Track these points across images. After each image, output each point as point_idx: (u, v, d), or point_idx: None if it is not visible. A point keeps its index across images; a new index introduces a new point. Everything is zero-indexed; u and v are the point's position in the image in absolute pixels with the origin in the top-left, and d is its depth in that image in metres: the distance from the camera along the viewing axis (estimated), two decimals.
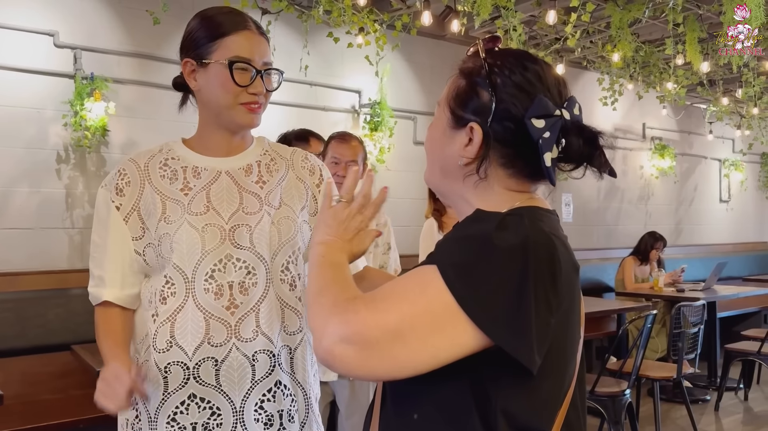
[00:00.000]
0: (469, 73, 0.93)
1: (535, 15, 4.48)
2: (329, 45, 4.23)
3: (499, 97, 0.89)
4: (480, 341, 0.79)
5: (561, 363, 0.87)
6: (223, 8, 1.37)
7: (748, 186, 8.24)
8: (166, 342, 1.25)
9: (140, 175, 1.33)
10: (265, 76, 1.31)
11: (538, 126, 0.87)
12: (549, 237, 0.83)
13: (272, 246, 1.31)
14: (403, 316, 0.79)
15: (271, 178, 1.37)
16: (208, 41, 1.29)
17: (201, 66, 1.29)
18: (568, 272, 0.85)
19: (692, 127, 7.47)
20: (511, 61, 0.92)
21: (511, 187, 0.93)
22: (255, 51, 1.29)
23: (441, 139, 0.96)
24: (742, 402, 4.93)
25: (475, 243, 0.81)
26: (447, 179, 0.97)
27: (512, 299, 0.78)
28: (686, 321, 4.07)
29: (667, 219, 7.26)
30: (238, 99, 1.29)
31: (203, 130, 1.37)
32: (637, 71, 5.48)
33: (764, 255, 8.03)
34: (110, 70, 3.76)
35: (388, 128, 4.75)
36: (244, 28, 1.30)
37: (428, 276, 0.81)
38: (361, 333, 0.79)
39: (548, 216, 0.92)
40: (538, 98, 0.88)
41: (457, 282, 0.79)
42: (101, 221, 1.33)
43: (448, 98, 0.95)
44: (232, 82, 1.27)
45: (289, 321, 1.32)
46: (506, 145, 0.90)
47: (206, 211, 1.29)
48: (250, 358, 1.25)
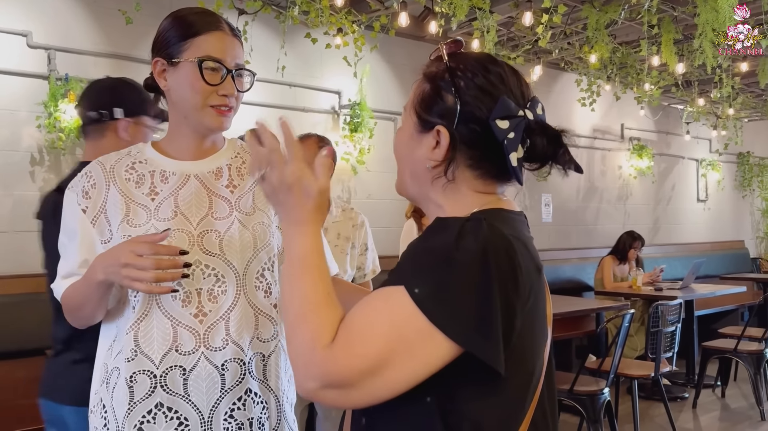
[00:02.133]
0: (432, 77, 0.95)
1: (512, 16, 4.51)
2: (308, 46, 4.22)
3: (463, 100, 0.91)
4: (453, 352, 0.81)
5: (526, 364, 0.88)
6: (196, 9, 1.35)
7: (725, 185, 8.35)
8: (130, 350, 1.22)
9: (105, 177, 1.30)
10: (236, 77, 1.28)
11: (502, 127, 0.88)
12: (508, 241, 0.84)
13: (246, 253, 1.28)
14: (379, 353, 0.80)
15: (242, 182, 1.35)
16: (179, 40, 1.27)
17: (171, 65, 1.27)
18: (529, 273, 0.86)
19: (670, 128, 7.55)
20: (473, 64, 0.93)
21: (478, 188, 0.94)
22: (227, 51, 1.27)
23: (409, 143, 0.97)
24: (720, 399, 4.99)
25: (438, 257, 0.82)
26: (416, 183, 0.98)
27: (479, 306, 0.79)
28: (664, 320, 4.11)
29: (645, 219, 7.33)
30: (207, 100, 1.26)
31: (173, 132, 1.34)
32: (614, 72, 5.53)
33: (741, 254, 8.14)
34: (85, 70, 3.71)
35: (368, 129, 4.75)
36: (217, 28, 1.28)
37: (395, 301, 0.82)
38: (341, 378, 0.81)
39: (512, 217, 0.93)
40: (502, 99, 0.89)
41: (426, 300, 0.80)
42: (68, 223, 1.31)
43: (413, 102, 0.97)
44: (201, 81, 1.24)
45: (263, 328, 1.29)
46: (472, 147, 0.91)
47: (174, 216, 1.26)
48: (219, 368, 1.23)
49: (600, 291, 5.40)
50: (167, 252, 1.16)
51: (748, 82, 6.29)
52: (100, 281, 1.19)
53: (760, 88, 6.45)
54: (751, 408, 4.69)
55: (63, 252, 1.32)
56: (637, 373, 3.95)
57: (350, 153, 4.73)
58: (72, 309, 1.30)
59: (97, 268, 1.19)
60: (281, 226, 0.97)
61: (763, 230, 8.89)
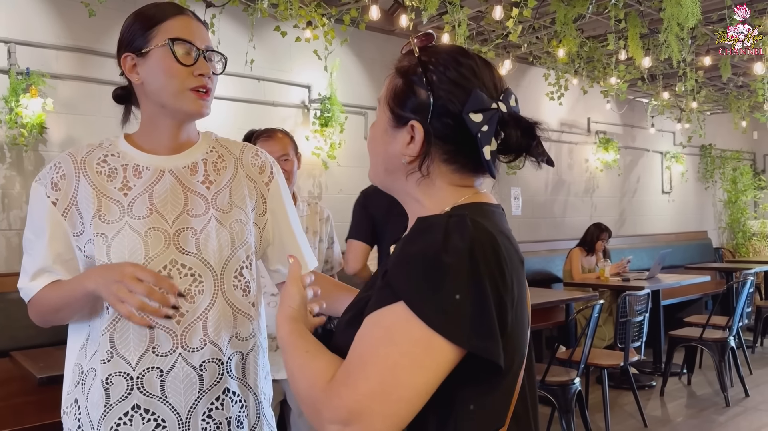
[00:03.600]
0: (405, 72, 0.94)
1: (482, 11, 4.52)
2: (277, 39, 4.18)
3: (436, 94, 0.90)
4: (457, 355, 0.80)
5: (516, 356, 0.88)
6: (155, 2, 1.32)
7: (689, 177, 8.53)
8: (106, 352, 1.20)
9: (75, 168, 1.26)
10: (207, 60, 1.26)
11: (475, 120, 0.88)
12: (492, 236, 0.83)
13: (223, 252, 1.25)
14: (380, 372, 0.78)
15: (219, 177, 1.31)
16: (144, 31, 1.24)
17: (140, 56, 1.24)
18: (515, 267, 0.86)
19: (635, 121, 7.68)
20: (445, 58, 0.92)
21: (455, 182, 0.94)
22: (195, 34, 1.25)
23: (383, 137, 0.96)
24: (686, 386, 5.11)
25: (427, 262, 0.80)
26: (391, 178, 0.97)
27: (475, 307, 0.79)
28: (632, 310, 4.19)
29: (611, 211, 7.45)
30: (185, 83, 1.23)
31: (147, 126, 1.30)
32: (581, 66, 5.60)
33: (704, 245, 8.33)
34: (47, 65, 3.62)
35: (338, 124, 4.72)
36: (181, 13, 1.27)
37: (388, 318, 0.80)
38: (352, 409, 0.78)
39: (492, 211, 0.93)
40: (474, 92, 0.89)
41: (423, 307, 0.79)
42: (36, 218, 1.26)
43: (387, 97, 0.96)
44: (175, 62, 1.22)
45: (242, 327, 1.28)
46: (447, 141, 0.91)
47: (149, 214, 1.23)
48: (197, 368, 1.21)
49: (569, 283, 5.47)
50: (167, 289, 1.13)
51: (710, 75, 6.42)
52: (89, 291, 1.16)
53: (722, 81, 6.60)
54: (716, 394, 4.80)
55: (29, 248, 1.27)
56: (607, 363, 4.02)
57: (321, 148, 4.70)
58: (45, 312, 1.26)
59: (91, 277, 1.16)
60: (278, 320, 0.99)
61: (725, 221, 9.11)
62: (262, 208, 1.36)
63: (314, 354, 0.88)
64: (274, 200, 1.38)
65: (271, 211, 1.38)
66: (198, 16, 1.30)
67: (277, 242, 1.39)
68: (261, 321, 1.35)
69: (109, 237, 1.21)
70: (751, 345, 6.27)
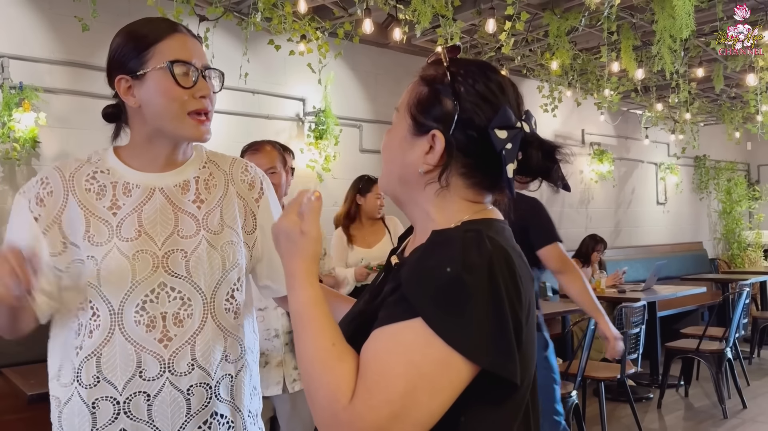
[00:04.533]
0: (431, 80, 0.92)
1: (475, 24, 4.54)
2: (271, 52, 4.18)
3: (462, 106, 0.89)
4: (473, 373, 0.79)
5: (527, 375, 0.87)
6: (145, 19, 1.28)
7: (683, 188, 8.54)
8: (92, 377, 1.17)
9: (64, 186, 1.22)
10: (207, 77, 1.22)
11: (501, 137, 0.87)
12: (508, 253, 0.83)
13: (214, 275, 1.23)
14: (402, 395, 0.77)
15: (210, 196, 1.28)
16: (139, 52, 1.19)
17: (137, 79, 1.19)
18: (527, 284, 0.85)
19: (629, 133, 7.70)
20: (474, 71, 0.91)
21: (468, 197, 0.92)
22: (193, 52, 1.21)
23: (401, 145, 0.94)
24: (683, 398, 5.08)
25: (445, 277, 0.78)
26: (405, 187, 0.95)
27: (494, 324, 0.78)
28: (628, 322, 4.17)
29: (606, 222, 7.45)
30: (185, 107, 1.19)
31: (139, 144, 1.26)
32: (575, 79, 5.62)
33: (699, 256, 8.33)
34: (41, 79, 3.61)
35: (333, 136, 4.72)
36: (175, 31, 1.22)
37: (406, 336, 0.78)
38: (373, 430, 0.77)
39: (503, 227, 0.92)
40: (503, 108, 0.88)
41: (441, 324, 0.77)
42: (15, 230, 1.23)
43: (408, 104, 0.94)
44: (175, 85, 1.17)
45: (231, 349, 1.25)
46: (467, 155, 0.90)
47: (138, 236, 1.20)
48: (184, 392, 1.18)
49: (565, 294, 5.44)
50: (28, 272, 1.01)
51: (703, 87, 6.45)
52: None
53: (715, 93, 6.63)
54: (713, 406, 4.78)
55: None
56: (604, 375, 3.99)
57: (315, 160, 4.69)
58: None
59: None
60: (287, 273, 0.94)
61: (720, 231, 9.12)
62: (251, 225, 1.34)
63: (339, 351, 0.83)
64: (263, 216, 1.36)
65: (260, 227, 1.35)
66: (192, 32, 1.27)
67: (266, 258, 1.37)
68: (250, 339, 1.34)
69: (98, 260, 1.18)
70: (748, 356, 6.25)
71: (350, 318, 0.95)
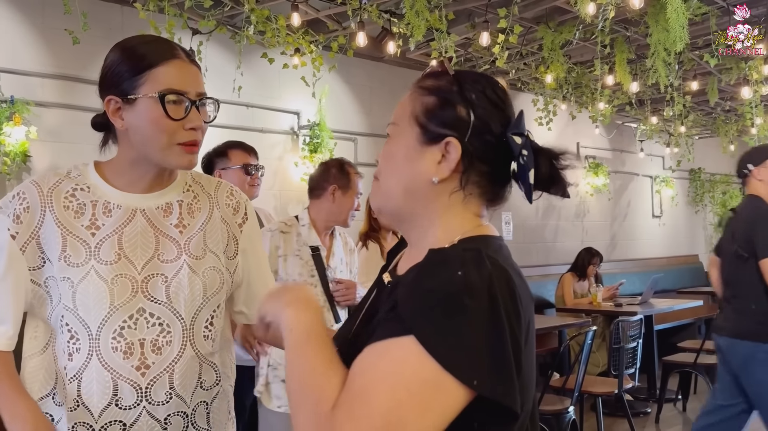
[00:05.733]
0: (436, 90, 0.90)
1: (469, 37, 4.54)
2: (265, 66, 4.17)
3: (476, 113, 0.87)
4: (468, 397, 0.75)
5: (527, 400, 0.83)
6: (146, 37, 1.25)
7: (679, 201, 8.54)
8: (73, 400, 1.15)
9: (41, 201, 1.19)
10: (200, 107, 1.18)
11: (518, 142, 0.85)
12: (508, 273, 0.80)
13: (195, 301, 1.19)
14: (384, 411, 0.73)
15: (193, 220, 1.25)
16: (133, 74, 1.15)
17: (127, 103, 1.16)
18: (527, 305, 0.82)
19: (624, 146, 7.71)
20: (479, 79, 0.91)
21: (471, 209, 0.90)
22: (188, 81, 1.16)
23: (408, 155, 0.90)
24: (681, 413, 5.04)
25: (444, 298, 0.75)
26: (411, 199, 0.90)
27: (493, 348, 0.75)
28: (625, 336, 4.14)
29: (602, 235, 7.43)
30: (174, 138, 1.15)
31: (123, 163, 1.22)
32: (569, 92, 5.62)
33: (696, 268, 8.31)
34: (32, 92, 3.59)
35: (328, 150, 4.70)
36: (173, 56, 1.17)
37: (397, 353, 0.75)
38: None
39: (501, 244, 0.89)
40: (520, 114, 0.87)
41: (438, 345, 0.73)
42: None
43: (414, 114, 0.90)
44: (165, 117, 1.13)
45: (207, 376, 1.22)
46: (485, 162, 0.88)
47: (117, 260, 1.16)
48: (161, 422, 1.15)
49: (561, 308, 5.42)
50: None
51: (698, 100, 6.47)
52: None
53: (709, 106, 6.64)
54: None
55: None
56: (601, 390, 3.96)
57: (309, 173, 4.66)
58: None
59: (13, 408, 1.15)
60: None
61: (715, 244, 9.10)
62: (233, 250, 1.31)
63: (336, 367, 0.80)
64: (246, 241, 1.33)
65: (242, 251, 1.33)
66: (191, 55, 1.23)
67: (245, 284, 1.34)
68: (227, 365, 1.31)
69: (74, 282, 1.15)
70: None
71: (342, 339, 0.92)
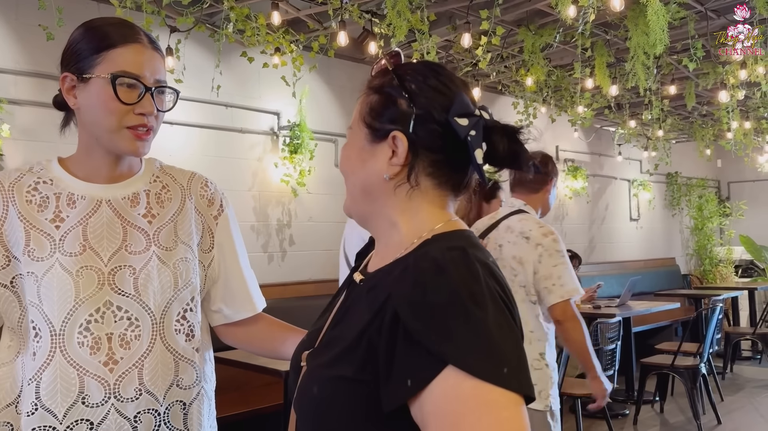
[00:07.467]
0: (380, 87, 0.90)
1: (450, 39, 4.53)
2: (245, 65, 4.12)
3: (417, 102, 0.86)
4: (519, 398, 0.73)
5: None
6: (113, 19, 1.21)
7: (656, 205, 8.63)
8: (31, 404, 1.09)
9: (3, 197, 1.15)
10: (156, 95, 1.15)
11: (462, 124, 0.84)
12: (493, 270, 0.80)
13: (165, 294, 1.16)
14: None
15: (162, 210, 1.21)
16: (91, 53, 1.13)
17: (81, 81, 1.14)
18: (512, 297, 0.82)
19: (602, 149, 7.77)
20: (421, 69, 0.90)
21: (434, 201, 0.88)
22: (145, 66, 1.14)
23: (360, 155, 0.90)
24: (659, 414, 5.07)
25: (460, 317, 0.72)
26: (369, 198, 0.90)
27: (519, 350, 0.75)
28: (604, 338, 4.15)
29: (581, 238, 7.48)
30: (123, 121, 1.13)
31: (82, 153, 1.20)
32: (549, 95, 5.64)
33: (672, 271, 8.41)
34: (5, 90, 3.51)
35: (308, 151, 4.66)
36: (135, 40, 1.15)
37: (460, 392, 0.70)
38: None
39: (475, 238, 0.88)
40: (459, 95, 0.85)
41: (476, 363, 0.70)
42: None
43: (361, 116, 0.91)
44: (115, 100, 1.11)
45: (184, 374, 1.18)
46: (433, 151, 0.86)
47: (82, 251, 1.12)
48: (131, 420, 1.11)
49: None
50: None
51: (675, 104, 6.53)
52: None
53: (687, 110, 6.72)
54: (689, 422, 4.78)
55: None
56: (580, 392, 3.96)
57: (290, 175, 4.63)
58: None
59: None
60: None
61: (692, 247, 9.22)
62: (208, 243, 1.27)
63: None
64: (222, 234, 1.30)
65: (218, 245, 1.29)
66: (154, 41, 1.20)
67: (222, 279, 1.30)
68: (207, 367, 1.26)
69: (38, 276, 1.11)
70: (722, 372, 6.28)
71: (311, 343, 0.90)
